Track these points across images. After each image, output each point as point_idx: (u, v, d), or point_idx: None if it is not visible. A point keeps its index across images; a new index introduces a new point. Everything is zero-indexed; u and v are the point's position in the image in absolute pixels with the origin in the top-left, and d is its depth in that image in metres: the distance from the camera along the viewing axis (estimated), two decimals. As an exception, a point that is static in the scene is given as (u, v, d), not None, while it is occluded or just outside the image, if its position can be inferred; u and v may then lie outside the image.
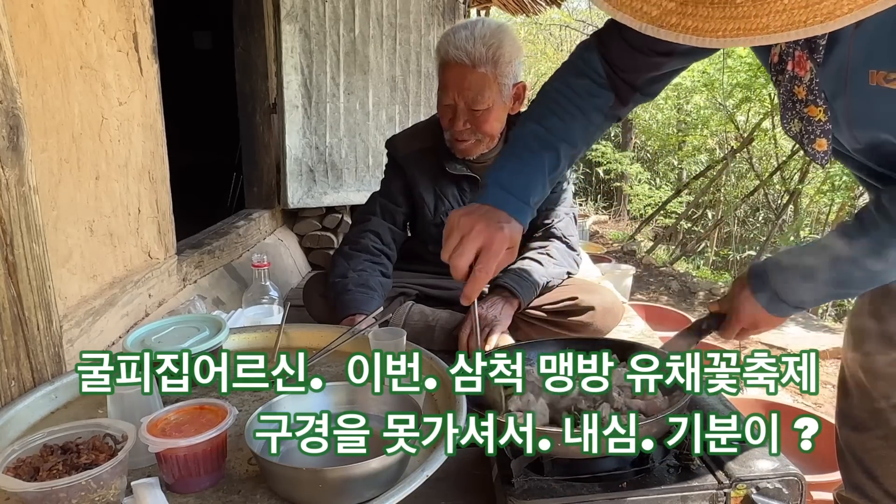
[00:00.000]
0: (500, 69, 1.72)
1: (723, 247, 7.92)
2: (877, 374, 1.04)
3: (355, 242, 1.89)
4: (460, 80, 1.73)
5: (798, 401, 2.93)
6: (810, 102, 0.86)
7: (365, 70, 3.05)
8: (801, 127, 0.89)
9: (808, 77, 0.85)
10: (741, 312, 1.06)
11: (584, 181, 11.32)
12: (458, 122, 1.77)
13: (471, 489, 1.17)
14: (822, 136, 0.88)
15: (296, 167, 2.99)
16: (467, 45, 1.70)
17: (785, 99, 0.90)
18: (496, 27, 1.75)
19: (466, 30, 1.72)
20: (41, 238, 1.13)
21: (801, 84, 0.86)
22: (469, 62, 1.70)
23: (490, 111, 1.76)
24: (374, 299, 1.72)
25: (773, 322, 1.05)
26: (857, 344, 1.08)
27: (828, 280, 0.95)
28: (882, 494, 1.05)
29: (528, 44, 14.67)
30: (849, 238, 0.92)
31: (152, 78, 1.86)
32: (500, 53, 1.71)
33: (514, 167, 1.11)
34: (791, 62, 0.86)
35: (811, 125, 0.88)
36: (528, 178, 1.10)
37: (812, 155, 0.91)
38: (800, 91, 0.86)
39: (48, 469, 0.83)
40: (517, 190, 1.09)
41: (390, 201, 1.96)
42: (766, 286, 1.01)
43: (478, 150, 1.84)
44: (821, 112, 0.86)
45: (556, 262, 1.90)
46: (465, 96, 1.74)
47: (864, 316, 1.07)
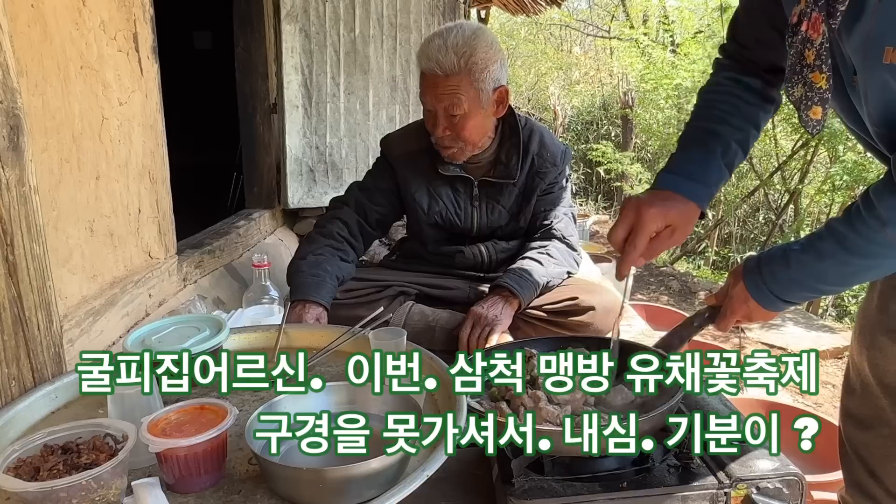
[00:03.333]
0: (475, 76, 1.73)
1: (723, 247, 7.92)
2: (884, 371, 1.04)
3: (321, 227, 1.91)
4: (434, 89, 1.74)
5: (798, 401, 2.92)
6: (816, 68, 0.85)
7: (365, 70, 3.05)
8: (802, 92, 0.88)
9: (819, 41, 0.83)
10: (735, 306, 1.06)
11: (585, 181, 11.31)
12: (438, 128, 1.78)
13: (471, 489, 1.17)
14: (819, 104, 0.87)
15: (296, 167, 2.99)
16: (439, 56, 1.70)
17: (794, 62, 0.89)
18: (470, 34, 1.73)
19: (440, 38, 1.73)
20: (41, 238, 1.13)
21: (811, 47, 0.84)
22: (441, 72, 1.71)
23: (467, 117, 1.76)
24: (326, 283, 1.74)
25: (768, 315, 1.05)
26: (865, 339, 1.07)
27: (818, 275, 0.95)
28: (884, 493, 1.04)
29: (528, 44, 14.68)
30: (837, 233, 0.92)
31: (152, 78, 1.87)
32: (472, 62, 1.71)
33: (680, 156, 1.13)
34: (806, 22, 0.85)
35: (811, 91, 0.87)
36: (697, 160, 1.11)
37: (805, 122, 0.90)
38: (809, 55, 0.85)
39: (49, 469, 0.83)
40: (686, 171, 1.10)
41: (368, 198, 1.97)
42: (759, 281, 1.01)
43: (462, 156, 1.86)
44: (823, 79, 0.85)
45: (557, 261, 1.91)
46: (441, 103, 1.75)
47: (872, 311, 1.07)
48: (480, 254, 1.99)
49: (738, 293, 1.04)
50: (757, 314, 1.05)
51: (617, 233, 1.07)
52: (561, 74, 14.00)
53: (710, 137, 1.11)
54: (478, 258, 1.99)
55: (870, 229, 0.88)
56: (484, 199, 1.96)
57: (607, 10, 13.44)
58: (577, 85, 13.62)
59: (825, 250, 0.93)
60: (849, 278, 0.96)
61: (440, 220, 1.96)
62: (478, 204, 1.96)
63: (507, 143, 1.93)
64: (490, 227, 1.99)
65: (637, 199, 1.07)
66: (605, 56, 13.33)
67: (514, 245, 2.02)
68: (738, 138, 1.12)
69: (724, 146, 1.11)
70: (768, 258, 1.01)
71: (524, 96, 13.87)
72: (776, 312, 1.05)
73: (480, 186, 1.94)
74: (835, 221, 0.94)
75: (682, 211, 1.07)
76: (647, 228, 1.04)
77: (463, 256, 1.98)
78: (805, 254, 0.96)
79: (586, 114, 12.91)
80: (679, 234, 1.08)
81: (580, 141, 11.84)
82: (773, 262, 1.00)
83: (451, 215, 1.96)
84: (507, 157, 1.92)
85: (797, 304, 1.18)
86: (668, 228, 1.06)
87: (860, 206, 0.90)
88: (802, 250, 0.96)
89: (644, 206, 1.05)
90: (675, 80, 7.16)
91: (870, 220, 0.88)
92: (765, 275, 1.00)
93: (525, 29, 14.54)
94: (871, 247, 0.89)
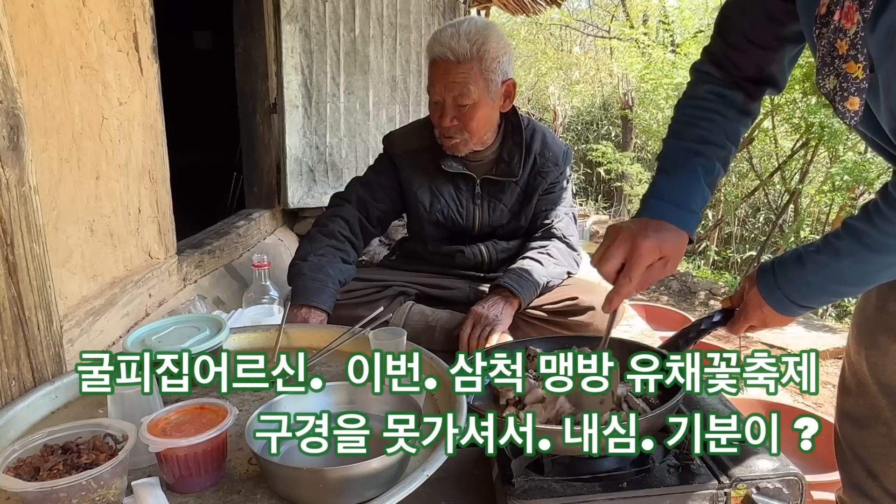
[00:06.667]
0: (486, 65, 1.74)
1: (723, 247, 7.92)
2: (882, 370, 1.04)
3: (323, 226, 1.90)
4: (445, 76, 1.75)
5: (798, 401, 2.92)
6: (850, 58, 0.83)
7: (365, 70, 3.05)
8: (836, 84, 0.86)
9: (854, 30, 0.82)
10: (750, 310, 1.05)
11: (585, 181, 11.31)
12: (445, 118, 1.78)
13: (471, 489, 1.17)
14: (856, 95, 0.85)
15: (296, 167, 2.99)
16: (452, 42, 1.72)
17: (825, 53, 0.87)
18: (482, 25, 1.77)
19: (453, 27, 1.75)
20: (41, 238, 1.13)
21: (844, 37, 0.83)
22: (454, 58, 1.72)
23: (476, 107, 1.77)
24: (328, 287, 1.74)
25: (783, 320, 1.04)
26: (863, 339, 1.07)
27: (835, 276, 0.94)
28: (881, 493, 1.04)
29: (528, 44, 14.68)
30: (855, 231, 0.91)
31: (152, 78, 1.87)
32: (484, 49, 1.73)
33: (665, 180, 1.10)
34: (839, 12, 0.83)
35: (847, 82, 0.85)
36: (683, 185, 1.08)
37: (842, 114, 0.87)
38: (842, 45, 0.84)
39: (49, 469, 0.83)
40: (673, 198, 1.07)
41: (369, 194, 1.96)
42: (773, 285, 1.00)
43: (466, 148, 1.85)
44: (859, 69, 0.83)
45: (557, 261, 1.91)
46: (451, 92, 1.75)
47: (870, 310, 1.06)
48: (480, 253, 1.99)
49: (753, 298, 1.03)
50: (772, 319, 1.03)
51: (610, 264, 1.02)
52: (561, 74, 14.01)
53: (694, 159, 1.09)
54: (478, 258, 1.99)
55: (891, 224, 0.87)
56: (486, 197, 1.96)
57: (607, 10, 13.43)
58: (577, 85, 13.63)
59: (843, 249, 0.92)
60: (867, 277, 0.94)
61: (441, 218, 1.96)
62: (479, 202, 1.96)
63: (509, 141, 1.93)
64: (491, 225, 1.99)
65: (630, 230, 1.03)
66: (605, 56, 13.33)
67: (515, 245, 2.02)
68: (721, 156, 1.11)
69: (707, 167, 1.09)
70: (782, 261, 1.00)
71: (524, 96, 13.87)
72: (791, 318, 1.03)
73: (482, 184, 1.94)
74: (852, 220, 0.92)
75: (676, 242, 1.05)
76: (644, 261, 1.01)
77: (463, 256, 1.98)
78: (821, 254, 0.94)
79: (586, 114, 12.92)
80: (671, 265, 1.05)
81: (580, 141, 11.85)
82: (788, 264, 0.99)
83: (452, 213, 1.96)
84: (510, 155, 1.92)
85: (812, 309, 1.17)
86: (662, 260, 1.04)
87: (879, 202, 0.88)
88: (818, 251, 0.95)
89: (639, 238, 1.01)
90: (675, 79, 7.16)
91: (891, 214, 0.86)
92: (779, 278, 0.99)
93: (525, 29, 14.54)
94: (891, 242, 0.88)
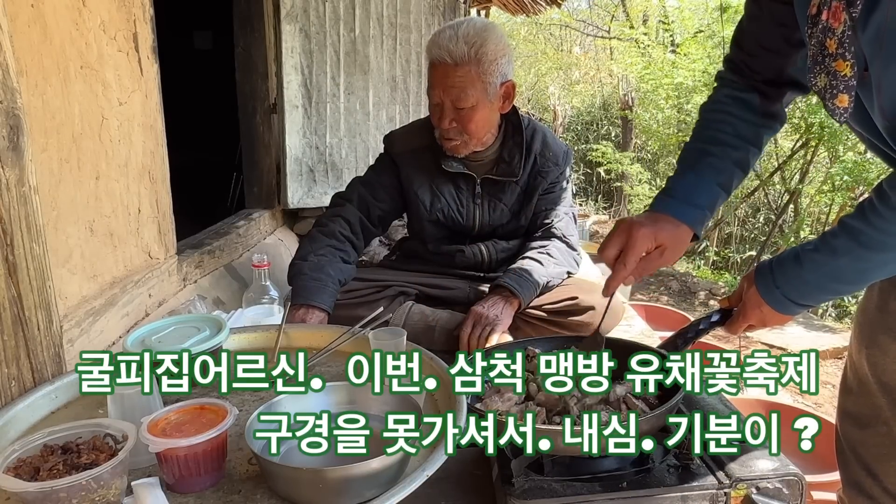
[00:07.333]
0: (484, 67, 1.74)
1: (723, 247, 7.92)
2: (882, 370, 1.04)
3: (324, 226, 1.90)
4: (444, 79, 1.75)
5: (798, 401, 2.92)
6: (839, 56, 0.85)
7: (365, 70, 3.05)
8: (826, 82, 0.87)
9: (841, 30, 0.83)
10: (748, 310, 1.06)
11: (585, 181, 11.32)
12: (444, 120, 1.78)
13: (471, 489, 1.17)
14: (845, 92, 0.86)
15: (296, 167, 2.99)
16: (450, 45, 1.71)
17: (815, 52, 0.88)
18: (481, 26, 1.76)
19: (451, 29, 1.74)
20: (41, 238, 1.13)
21: (833, 36, 0.84)
22: (451, 61, 1.72)
23: (475, 109, 1.77)
24: (328, 287, 1.74)
25: (782, 319, 1.04)
26: (864, 338, 1.07)
27: (832, 274, 0.94)
28: (881, 492, 1.04)
29: (528, 44, 14.69)
30: (851, 229, 0.91)
31: (152, 78, 1.86)
32: (483, 52, 1.72)
33: (673, 178, 1.17)
34: (827, 12, 0.84)
35: (836, 79, 0.86)
36: (688, 182, 1.14)
37: (832, 111, 0.89)
38: (831, 44, 0.85)
39: (48, 469, 0.83)
40: (676, 193, 1.13)
41: (370, 193, 1.96)
42: (771, 284, 1.00)
43: (465, 149, 1.86)
44: (847, 67, 0.84)
45: (557, 261, 1.91)
46: (450, 94, 1.75)
47: (871, 309, 1.06)
48: (480, 253, 1.99)
49: (751, 297, 1.04)
50: (770, 318, 1.04)
51: (609, 250, 1.11)
52: (561, 74, 14.01)
53: (704, 158, 1.14)
54: (478, 258, 1.99)
55: (886, 221, 0.87)
56: (486, 197, 1.96)
57: (607, 11, 13.43)
58: (577, 85, 13.64)
59: (839, 247, 0.92)
60: (864, 275, 0.95)
61: (442, 218, 1.96)
62: (480, 201, 1.96)
63: (509, 141, 1.93)
64: (491, 225, 1.99)
65: (630, 220, 1.11)
66: (605, 56, 13.33)
67: (514, 245, 2.02)
68: (736, 158, 1.14)
69: (718, 167, 1.13)
70: (780, 260, 1.01)
71: (524, 96, 13.88)
72: (790, 317, 1.04)
73: (483, 184, 1.94)
74: (848, 218, 0.92)
75: (673, 232, 1.11)
76: (638, 248, 1.08)
77: (463, 256, 1.98)
78: (818, 253, 0.95)
79: (586, 114, 12.92)
80: (669, 255, 1.12)
81: (580, 141, 11.86)
82: (786, 263, 0.99)
83: (453, 212, 1.96)
84: (510, 155, 1.92)
85: (811, 308, 1.18)
86: (658, 249, 1.10)
87: (874, 200, 0.89)
88: (815, 249, 0.96)
89: (636, 226, 1.09)
90: (674, 79, 7.16)
91: (885, 211, 0.87)
92: (777, 277, 1.00)
93: (525, 29, 14.54)
94: (887, 239, 0.88)
